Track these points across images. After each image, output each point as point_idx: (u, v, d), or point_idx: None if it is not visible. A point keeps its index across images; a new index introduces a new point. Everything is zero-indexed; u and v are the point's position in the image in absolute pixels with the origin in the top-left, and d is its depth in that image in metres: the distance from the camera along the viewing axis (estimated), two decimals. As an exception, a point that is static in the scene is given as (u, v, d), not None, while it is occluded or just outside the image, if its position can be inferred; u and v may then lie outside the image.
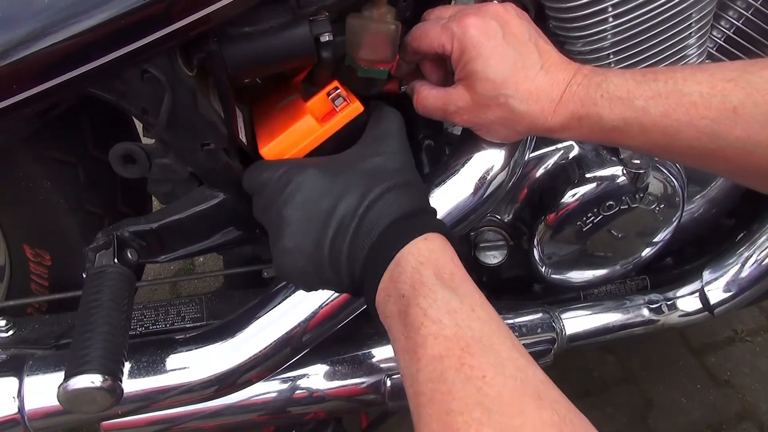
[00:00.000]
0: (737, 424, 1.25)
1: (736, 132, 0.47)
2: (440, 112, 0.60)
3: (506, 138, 0.61)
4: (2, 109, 0.45)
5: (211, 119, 0.55)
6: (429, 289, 0.44)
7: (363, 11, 0.57)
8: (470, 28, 0.55)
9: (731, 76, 0.48)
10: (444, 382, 0.40)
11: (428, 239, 0.48)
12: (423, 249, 0.47)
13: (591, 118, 0.53)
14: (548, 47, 0.57)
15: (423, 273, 0.46)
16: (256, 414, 0.71)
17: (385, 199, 0.51)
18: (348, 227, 0.50)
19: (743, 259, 0.86)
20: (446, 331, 0.42)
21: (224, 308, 0.76)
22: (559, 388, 0.40)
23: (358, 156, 0.55)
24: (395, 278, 0.47)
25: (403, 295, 0.45)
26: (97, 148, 0.73)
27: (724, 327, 1.41)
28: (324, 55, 0.55)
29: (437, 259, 0.47)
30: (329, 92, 0.60)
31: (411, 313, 0.44)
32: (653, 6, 0.62)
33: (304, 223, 0.51)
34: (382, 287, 0.48)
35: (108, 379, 0.48)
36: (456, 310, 0.43)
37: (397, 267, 0.47)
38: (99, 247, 0.57)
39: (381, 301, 0.48)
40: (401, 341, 0.44)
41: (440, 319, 0.42)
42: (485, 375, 0.39)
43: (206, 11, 0.47)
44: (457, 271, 0.47)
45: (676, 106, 0.49)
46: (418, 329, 0.43)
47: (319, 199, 0.51)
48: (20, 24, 0.43)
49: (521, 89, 0.54)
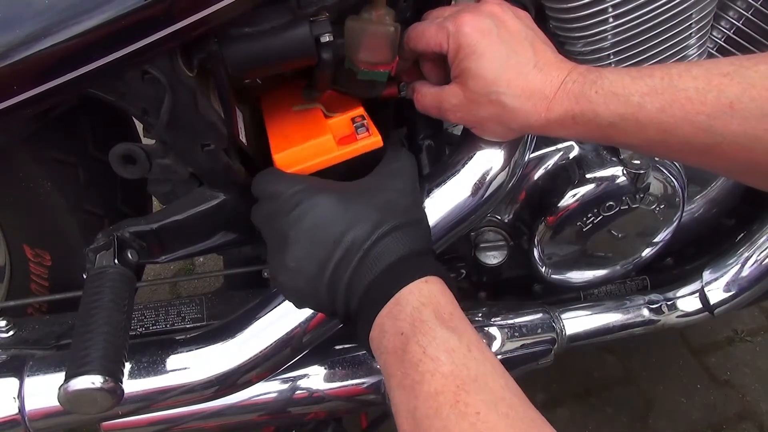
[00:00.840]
0: (737, 424, 1.25)
1: (732, 127, 0.47)
2: (436, 109, 0.61)
3: (501, 136, 0.61)
4: (3, 109, 0.45)
5: (212, 120, 0.55)
6: (429, 327, 0.46)
7: (362, 13, 0.57)
8: (465, 26, 0.55)
9: (727, 71, 0.48)
10: (439, 418, 0.41)
11: (429, 281, 0.49)
12: (424, 290, 0.49)
13: (586, 115, 0.53)
14: (544, 46, 0.57)
15: (423, 312, 0.47)
16: (257, 414, 0.71)
17: (392, 236, 0.52)
18: (353, 257, 0.51)
19: (743, 259, 0.86)
20: (443, 368, 0.43)
21: (224, 309, 0.76)
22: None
23: (371, 188, 0.56)
24: (394, 315, 0.48)
25: (402, 333, 0.46)
26: (97, 148, 0.73)
27: (724, 327, 1.41)
28: (324, 56, 0.55)
29: (437, 301, 0.48)
30: (354, 118, 0.61)
31: (410, 350, 0.45)
32: (654, 6, 0.62)
33: (308, 246, 0.52)
34: (378, 322, 0.49)
35: (108, 380, 0.48)
36: (454, 349, 0.45)
37: (396, 305, 0.48)
38: (99, 248, 0.57)
39: (376, 336, 0.49)
40: (397, 377, 0.45)
41: (438, 357, 0.44)
42: (479, 412, 0.41)
43: (207, 12, 0.47)
44: (455, 312, 0.48)
45: (671, 101, 0.49)
46: (417, 366, 0.44)
47: (329, 225, 0.52)
48: (21, 25, 0.43)
49: (513, 86, 0.55)
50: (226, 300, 0.78)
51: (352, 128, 0.60)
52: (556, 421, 1.22)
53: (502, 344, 0.78)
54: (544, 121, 0.55)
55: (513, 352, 0.79)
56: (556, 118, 0.54)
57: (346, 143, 0.59)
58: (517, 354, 0.79)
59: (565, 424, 1.22)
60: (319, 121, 0.61)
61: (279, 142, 0.60)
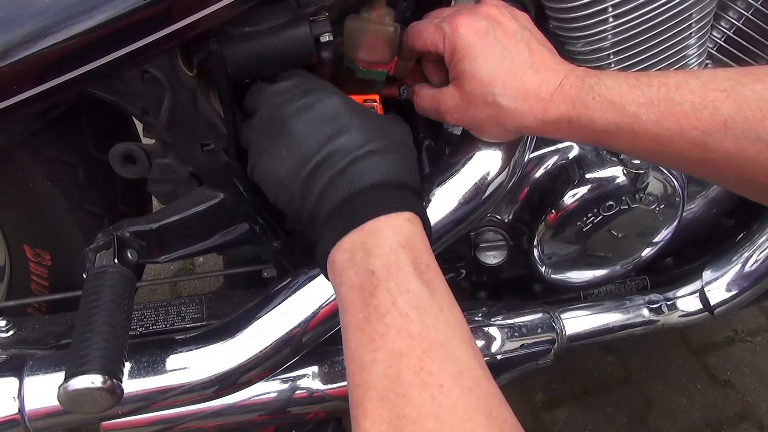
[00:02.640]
0: (737, 424, 1.25)
1: (725, 146, 0.47)
2: (433, 111, 0.61)
3: (498, 137, 0.61)
4: (3, 109, 0.45)
5: (211, 119, 0.55)
6: (403, 276, 0.43)
7: (361, 13, 0.57)
8: (460, 28, 0.55)
9: (724, 86, 0.47)
10: (400, 384, 0.39)
11: (411, 220, 0.47)
12: (405, 230, 0.46)
13: (581, 121, 0.53)
14: (541, 48, 0.57)
15: (401, 257, 0.44)
16: (257, 414, 0.71)
17: (385, 156, 0.49)
18: (338, 161, 0.48)
19: (743, 259, 0.86)
20: (411, 327, 0.41)
21: (224, 308, 0.76)
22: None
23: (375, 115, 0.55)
24: (367, 249, 0.45)
25: (373, 272, 0.43)
26: (97, 148, 0.73)
27: (724, 327, 1.41)
28: (324, 56, 0.56)
29: (417, 246, 0.46)
30: (367, 99, 0.61)
31: (378, 295, 0.42)
32: (654, 6, 0.62)
33: (304, 135, 0.50)
34: (346, 246, 0.46)
35: (108, 380, 0.48)
36: (425, 307, 0.42)
37: (372, 236, 0.45)
38: (99, 248, 0.57)
39: (340, 262, 0.46)
40: (357, 319, 0.43)
41: (408, 313, 0.41)
42: (442, 384, 0.39)
43: (206, 12, 0.47)
44: (432, 263, 0.46)
45: (667, 114, 0.49)
46: (383, 317, 0.41)
47: (330, 120, 0.50)
48: (21, 24, 0.43)
49: (508, 87, 0.54)
50: (226, 300, 0.78)
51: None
52: (556, 421, 1.22)
53: (502, 344, 0.78)
54: (539, 123, 0.55)
55: (513, 352, 0.78)
56: (551, 121, 0.54)
57: None
58: (517, 354, 0.79)
59: (565, 424, 1.22)
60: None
61: None
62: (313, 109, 0.51)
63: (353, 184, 0.48)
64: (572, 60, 0.66)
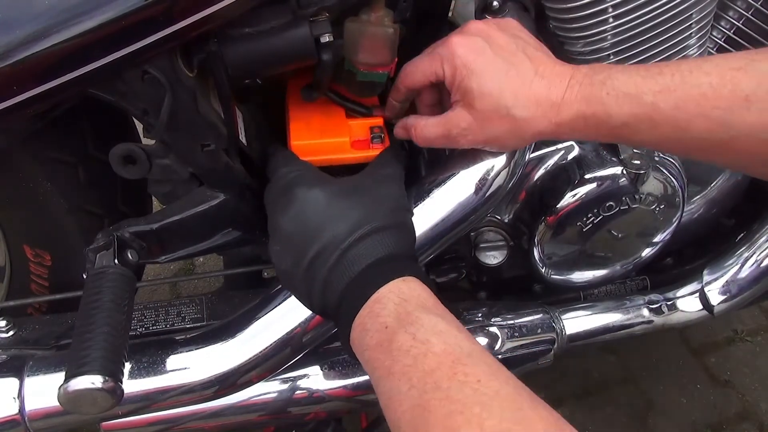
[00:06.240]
0: (737, 424, 1.25)
1: (749, 119, 0.47)
2: (443, 138, 0.59)
3: (517, 147, 0.62)
4: (3, 109, 0.45)
5: (212, 120, 0.55)
6: (415, 316, 0.46)
7: (361, 15, 0.57)
8: (457, 48, 0.55)
9: (739, 65, 0.48)
10: (439, 390, 0.40)
11: (407, 281, 0.49)
12: (403, 288, 0.49)
13: (598, 117, 0.53)
14: (538, 53, 0.56)
15: (407, 306, 0.47)
16: (257, 414, 0.71)
17: (372, 238, 0.52)
18: (330, 255, 0.51)
19: (743, 259, 0.86)
20: (435, 348, 0.43)
21: (224, 309, 0.76)
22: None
23: (358, 188, 0.56)
24: (376, 313, 0.47)
25: (386, 327, 0.46)
26: (97, 149, 0.73)
27: (724, 327, 1.41)
28: (324, 57, 0.55)
29: (418, 295, 0.48)
30: (373, 127, 0.63)
31: (397, 339, 0.45)
32: (654, 6, 0.62)
33: (290, 233, 0.54)
34: (358, 322, 0.49)
35: (108, 380, 0.48)
36: (443, 331, 0.44)
37: (377, 303, 0.48)
38: (99, 248, 0.57)
39: (357, 336, 0.49)
40: (385, 367, 0.45)
41: (428, 339, 0.44)
42: (480, 380, 0.40)
43: (206, 12, 0.47)
44: (438, 304, 0.48)
45: (686, 98, 0.49)
46: (407, 351, 0.43)
47: (311, 217, 0.53)
48: (21, 25, 0.43)
49: (520, 97, 0.54)
50: (226, 300, 0.78)
51: (369, 135, 0.63)
52: (556, 421, 1.22)
53: (502, 344, 0.78)
54: (554, 126, 0.55)
55: (513, 352, 0.79)
56: (567, 122, 0.54)
57: (359, 148, 0.62)
58: (517, 354, 0.79)
59: (565, 424, 1.22)
60: (340, 119, 0.64)
61: (299, 129, 0.63)
62: (293, 206, 0.54)
63: (349, 272, 0.51)
64: (572, 60, 0.66)
